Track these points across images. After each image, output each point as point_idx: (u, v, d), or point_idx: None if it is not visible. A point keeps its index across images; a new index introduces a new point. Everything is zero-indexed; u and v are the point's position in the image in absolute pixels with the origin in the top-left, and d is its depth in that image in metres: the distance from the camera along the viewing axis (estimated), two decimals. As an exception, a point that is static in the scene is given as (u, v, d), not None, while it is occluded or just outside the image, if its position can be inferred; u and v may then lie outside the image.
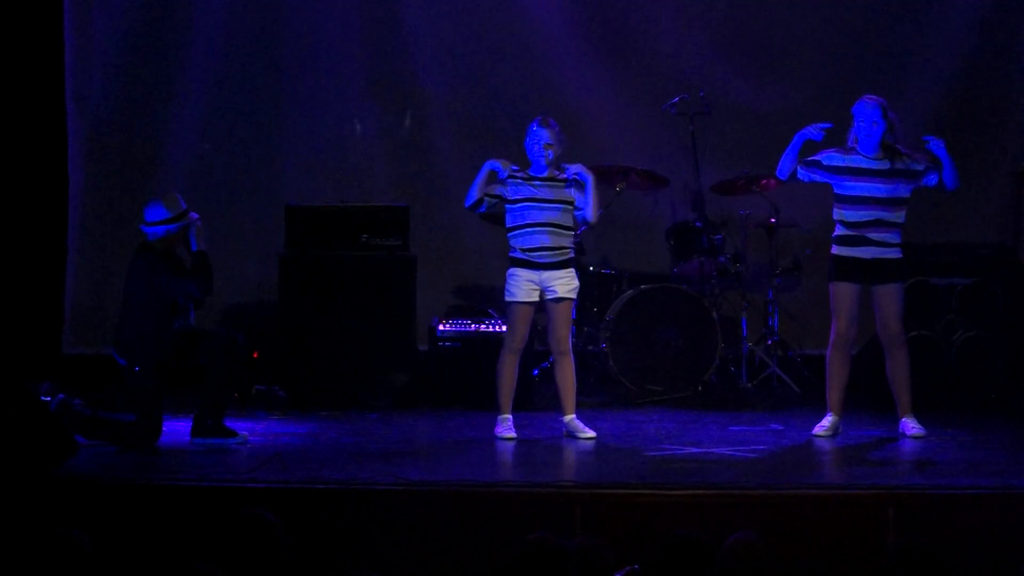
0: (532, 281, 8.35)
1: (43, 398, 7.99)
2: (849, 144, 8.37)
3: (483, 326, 9.65)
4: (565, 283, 8.38)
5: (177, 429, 8.22)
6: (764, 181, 10.15)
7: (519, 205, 8.36)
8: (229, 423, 8.15)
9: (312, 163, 10.88)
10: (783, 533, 6.55)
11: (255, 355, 9.41)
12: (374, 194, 10.61)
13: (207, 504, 6.68)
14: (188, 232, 8.11)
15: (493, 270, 10.78)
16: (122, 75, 10.78)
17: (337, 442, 8.26)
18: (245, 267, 10.65)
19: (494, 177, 8.45)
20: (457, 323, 9.69)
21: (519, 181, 8.38)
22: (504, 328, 9.17)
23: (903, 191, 8.30)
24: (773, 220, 10.19)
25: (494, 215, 8.72)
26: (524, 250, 8.36)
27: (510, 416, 8.43)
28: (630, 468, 7.53)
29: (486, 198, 8.41)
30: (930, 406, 9.28)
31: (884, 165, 8.29)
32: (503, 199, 8.39)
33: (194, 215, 8.17)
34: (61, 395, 8.05)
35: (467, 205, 8.48)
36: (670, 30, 10.93)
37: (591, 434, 8.37)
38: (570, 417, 8.44)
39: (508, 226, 8.42)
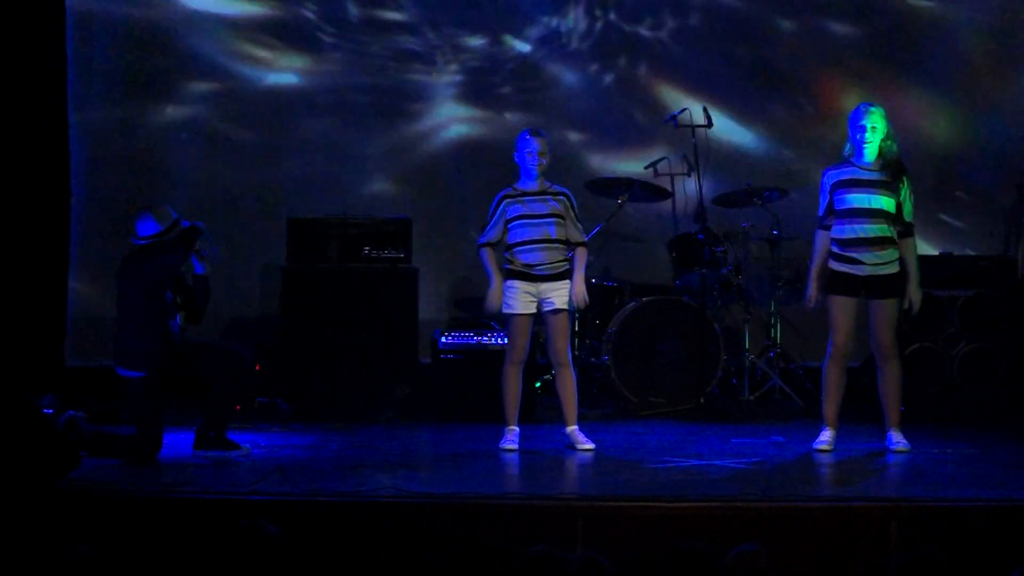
0: (529, 293, 8.36)
1: (46, 411, 7.98)
2: (844, 154, 8.28)
3: (485, 338, 9.65)
4: (562, 294, 8.39)
5: (180, 441, 8.22)
6: (766, 193, 10.16)
7: (515, 223, 8.37)
8: (231, 435, 8.15)
9: (314, 176, 10.89)
10: (786, 546, 6.54)
11: (257, 367, 9.40)
12: (376, 207, 10.62)
13: (209, 516, 6.67)
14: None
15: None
16: (124, 89, 10.80)
17: (339, 454, 8.25)
18: (248, 280, 10.66)
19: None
20: (459, 335, 9.68)
21: (511, 200, 8.39)
22: (502, 341, 9.23)
23: (896, 205, 8.18)
24: (775, 232, 10.20)
25: None
26: (522, 264, 8.37)
27: (516, 428, 8.43)
28: (632, 480, 7.53)
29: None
30: (932, 418, 9.29)
31: (877, 176, 8.16)
32: (505, 221, 8.41)
33: (185, 223, 8.17)
34: (70, 412, 8.05)
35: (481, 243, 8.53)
36: (673, 42, 10.94)
37: (590, 446, 8.37)
38: (572, 428, 8.45)
39: (507, 243, 8.44)
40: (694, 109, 10.22)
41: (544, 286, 8.37)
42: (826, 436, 8.34)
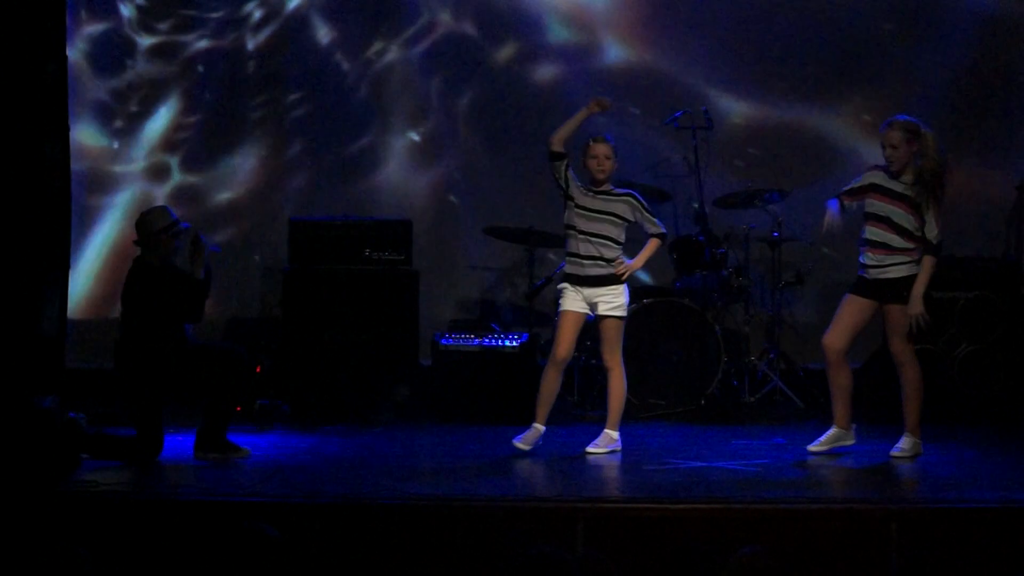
0: (581, 293, 8.34)
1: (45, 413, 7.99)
2: (883, 164, 8.24)
3: (486, 340, 9.65)
4: (608, 300, 8.32)
5: (180, 443, 8.22)
6: (766, 195, 10.16)
7: (573, 211, 8.33)
8: (232, 437, 8.15)
9: (315, 177, 10.89)
10: (787, 547, 6.54)
11: (258, 369, 9.41)
12: (377, 208, 10.63)
13: (209, 518, 6.67)
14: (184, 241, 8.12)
15: (495, 284, 10.80)
16: (124, 88, 10.81)
17: (340, 456, 8.26)
18: (249, 281, 10.66)
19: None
20: (460, 337, 9.68)
21: (580, 188, 8.36)
22: (503, 343, 9.40)
23: (917, 221, 8.14)
24: (776, 234, 10.20)
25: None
26: (571, 259, 8.33)
27: (538, 426, 8.36)
28: (633, 482, 7.53)
29: (563, 167, 8.32)
30: (932, 420, 9.28)
31: (902, 189, 8.12)
32: (565, 189, 8.36)
33: (186, 225, 8.18)
34: (71, 413, 8.05)
35: (551, 146, 8.35)
36: (673, 44, 10.94)
37: (593, 450, 8.32)
38: (605, 431, 8.43)
39: (565, 224, 8.40)
40: (694, 111, 10.22)
41: (589, 291, 8.34)
42: (829, 435, 8.35)
